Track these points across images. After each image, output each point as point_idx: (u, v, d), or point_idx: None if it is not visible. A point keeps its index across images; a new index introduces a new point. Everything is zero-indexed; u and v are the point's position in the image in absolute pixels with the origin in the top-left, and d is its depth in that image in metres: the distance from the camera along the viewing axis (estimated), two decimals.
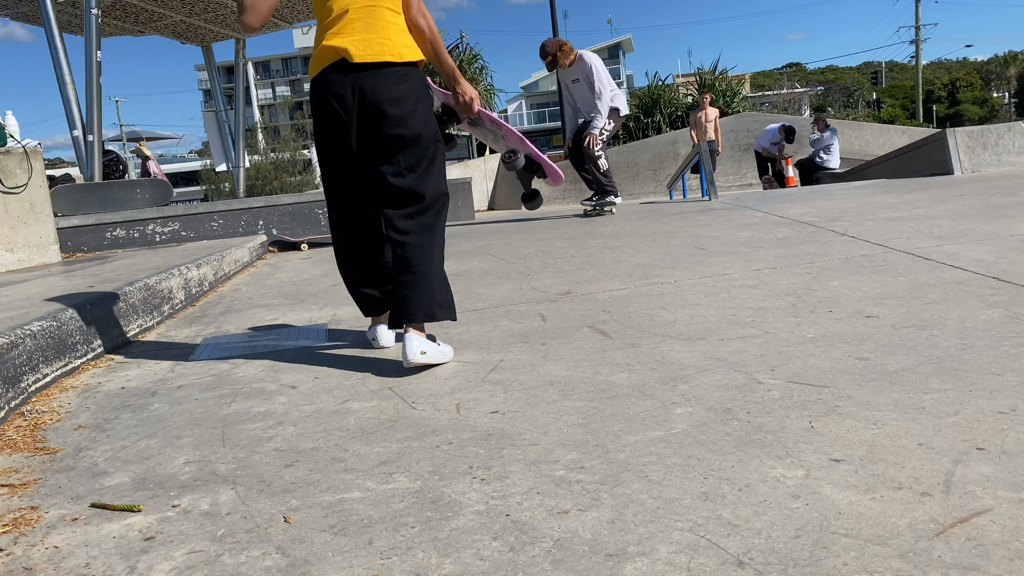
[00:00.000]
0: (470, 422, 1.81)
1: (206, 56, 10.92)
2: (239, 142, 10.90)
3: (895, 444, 1.46)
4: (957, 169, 7.87)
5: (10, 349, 2.23)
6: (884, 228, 4.13)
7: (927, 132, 13.81)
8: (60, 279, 3.96)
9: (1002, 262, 2.95)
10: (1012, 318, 2.21)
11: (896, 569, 1.05)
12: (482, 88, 25.58)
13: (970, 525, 1.15)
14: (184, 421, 2.03)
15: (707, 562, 1.12)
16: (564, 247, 4.79)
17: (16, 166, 5.06)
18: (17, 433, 2.01)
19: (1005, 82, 71.47)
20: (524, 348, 2.45)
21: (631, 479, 1.42)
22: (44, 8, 7.49)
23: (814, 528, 1.18)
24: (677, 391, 1.88)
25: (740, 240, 4.28)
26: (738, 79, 29.35)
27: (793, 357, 2.06)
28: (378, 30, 2.28)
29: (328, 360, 2.55)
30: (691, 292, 3.02)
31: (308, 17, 10.23)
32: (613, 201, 6.82)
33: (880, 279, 2.90)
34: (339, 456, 1.68)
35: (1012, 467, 1.32)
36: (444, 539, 1.27)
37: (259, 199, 7.03)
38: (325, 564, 1.22)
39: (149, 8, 8.99)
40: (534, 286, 3.52)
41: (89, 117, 7.75)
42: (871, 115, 52.14)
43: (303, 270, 5.12)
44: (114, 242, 6.57)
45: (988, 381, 1.74)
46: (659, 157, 15.22)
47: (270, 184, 24.70)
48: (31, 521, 1.48)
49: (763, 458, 1.45)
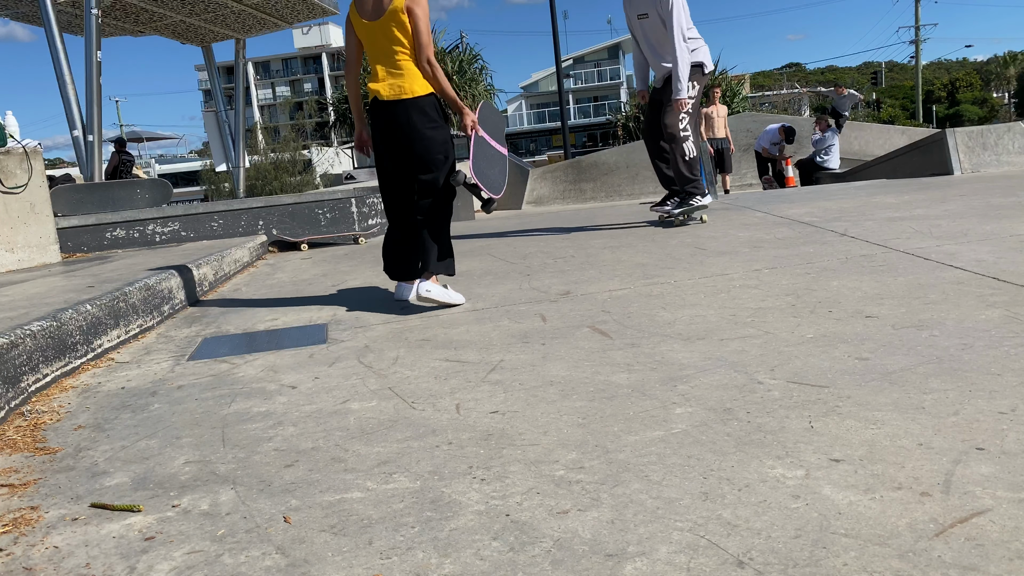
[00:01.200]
0: (470, 422, 1.81)
1: (206, 56, 10.92)
2: (239, 142, 10.90)
3: (895, 444, 1.46)
4: (957, 169, 7.87)
5: (10, 349, 2.23)
6: (884, 228, 4.13)
7: (927, 132, 13.81)
8: (60, 279, 3.96)
9: (1002, 262, 2.95)
10: (1012, 318, 2.21)
11: (896, 569, 1.05)
12: (482, 88, 25.57)
13: (970, 525, 1.15)
14: (184, 421, 2.03)
15: (707, 562, 1.12)
16: (564, 247, 4.79)
17: (16, 166, 5.06)
18: (17, 433, 2.01)
19: (1005, 82, 71.47)
20: (524, 348, 2.45)
21: (631, 479, 1.42)
22: (44, 8, 7.49)
23: (814, 528, 1.18)
24: (677, 391, 1.88)
25: (740, 240, 4.28)
26: (738, 79, 29.35)
27: (793, 357, 2.06)
28: (397, 76, 3.21)
29: (328, 360, 2.55)
30: (691, 292, 3.02)
31: (308, 17, 10.23)
32: (702, 204, 5.19)
33: (880, 279, 2.90)
34: (339, 456, 1.68)
35: (1012, 467, 1.32)
36: (444, 539, 1.27)
37: (259, 199, 7.03)
38: (325, 564, 1.22)
39: (149, 8, 8.99)
40: (534, 286, 3.52)
41: (89, 117, 7.75)
42: (871, 115, 52.15)
43: (303, 270, 5.12)
44: (114, 242, 6.57)
45: (988, 381, 1.74)
46: None
47: (270, 184, 24.71)
48: (31, 521, 1.48)
49: (763, 458, 1.45)
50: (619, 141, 29.20)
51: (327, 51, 69.54)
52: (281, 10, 9.70)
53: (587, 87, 59.26)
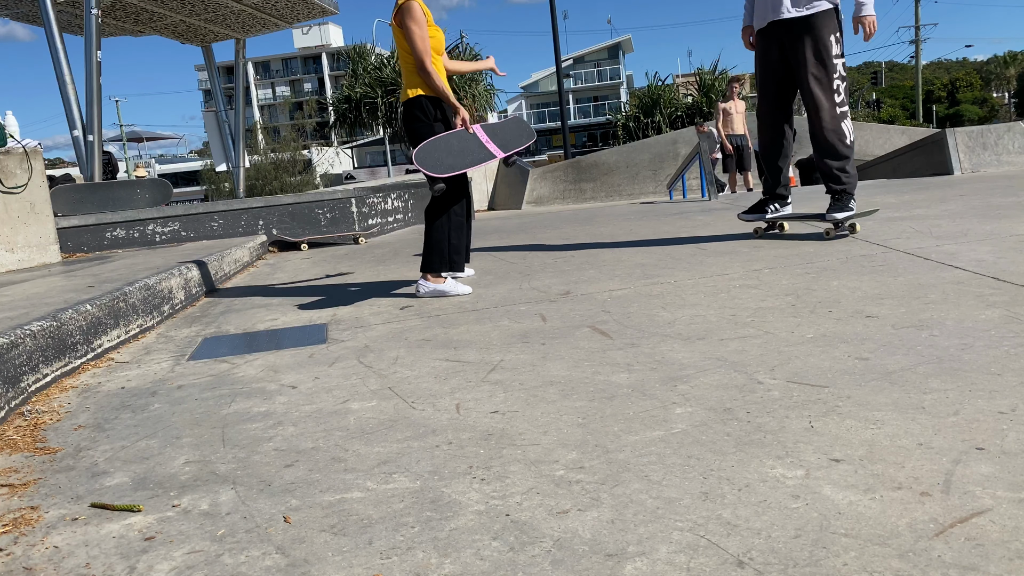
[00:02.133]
0: (470, 422, 1.81)
1: (206, 56, 10.92)
2: (239, 142, 10.90)
3: (895, 444, 1.46)
4: (957, 169, 7.88)
5: (10, 349, 2.23)
6: (884, 228, 4.13)
7: (927, 132, 13.81)
8: (60, 279, 3.96)
9: (1002, 262, 2.95)
10: (1012, 318, 2.21)
11: (896, 569, 1.06)
12: (482, 88, 25.56)
13: (970, 525, 1.15)
14: (184, 421, 2.03)
15: (707, 562, 1.12)
16: (564, 247, 4.79)
17: (16, 166, 5.06)
18: (17, 433, 2.01)
19: (1005, 82, 71.47)
20: (524, 348, 2.45)
21: (631, 479, 1.42)
22: (44, 8, 7.49)
23: (814, 528, 1.18)
24: (677, 391, 1.88)
25: (740, 240, 4.28)
26: (738, 79, 29.36)
27: (793, 357, 2.06)
28: (404, 80, 3.65)
29: (328, 360, 2.55)
30: (691, 292, 3.02)
31: (308, 17, 10.23)
32: (861, 211, 4.08)
33: (880, 279, 2.90)
34: (339, 456, 1.68)
35: (1012, 467, 1.32)
36: (444, 539, 1.27)
37: (259, 199, 7.03)
38: (325, 564, 1.22)
39: (149, 8, 8.99)
40: (534, 286, 3.52)
41: (89, 117, 7.75)
42: (871, 115, 52.13)
43: (303, 270, 5.12)
44: (114, 242, 6.56)
45: (988, 381, 1.74)
46: (659, 157, 15.22)
47: (270, 184, 24.73)
48: (31, 521, 1.48)
49: (763, 458, 1.45)
50: (619, 141, 29.21)
51: (327, 51, 69.53)
52: (281, 10, 9.70)
53: (587, 87, 59.26)
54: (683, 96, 27.71)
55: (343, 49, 62.37)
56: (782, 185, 4.16)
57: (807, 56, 3.78)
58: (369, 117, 31.07)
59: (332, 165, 40.53)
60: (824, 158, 3.89)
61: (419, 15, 3.47)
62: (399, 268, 4.66)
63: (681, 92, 28.23)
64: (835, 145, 3.83)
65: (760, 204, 4.25)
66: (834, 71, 3.77)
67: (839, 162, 3.86)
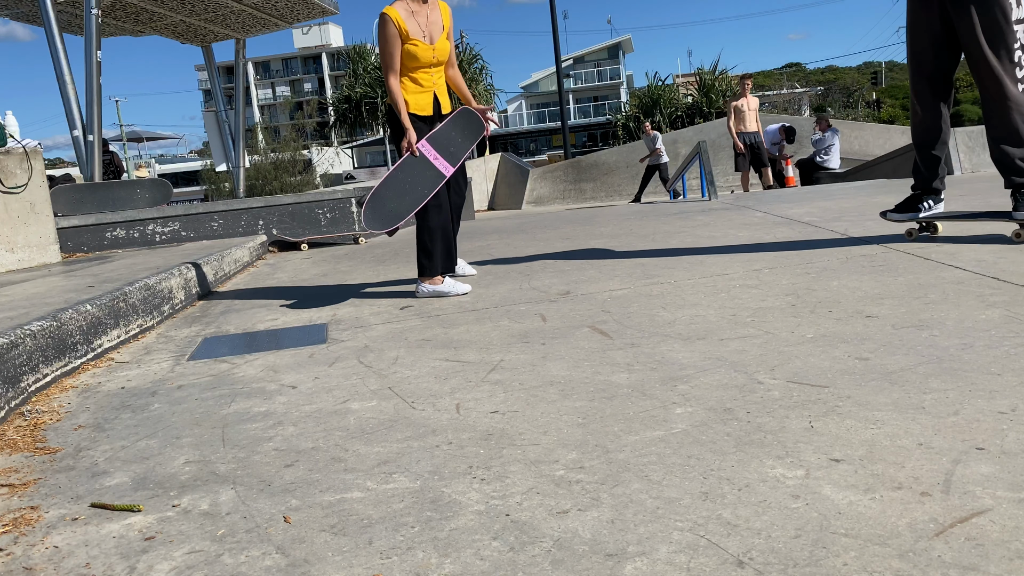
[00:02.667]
0: (470, 422, 1.81)
1: (206, 56, 10.93)
2: (239, 142, 10.91)
3: (895, 444, 1.46)
4: (957, 169, 7.87)
5: (10, 349, 2.23)
6: (884, 228, 4.13)
7: None
8: (60, 279, 3.96)
9: (1002, 262, 2.95)
10: (1012, 318, 2.21)
11: (896, 569, 1.05)
12: (482, 88, 25.58)
13: (970, 525, 1.15)
14: (184, 421, 2.03)
15: (707, 562, 1.12)
16: (564, 247, 4.79)
17: (16, 166, 5.06)
18: (17, 433, 2.01)
19: None
20: (524, 348, 2.45)
21: (631, 479, 1.42)
22: (44, 8, 7.49)
23: (814, 528, 1.18)
24: (677, 391, 1.88)
25: (740, 240, 4.28)
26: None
27: (793, 357, 2.06)
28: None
29: (328, 360, 2.55)
30: (691, 292, 3.02)
31: (308, 17, 10.23)
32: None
33: (880, 279, 2.90)
34: (339, 456, 1.68)
35: (1012, 467, 1.32)
36: (444, 539, 1.27)
37: (259, 199, 7.03)
38: (325, 564, 1.22)
39: (149, 8, 8.99)
40: (534, 286, 3.52)
41: (89, 117, 7.75)
42: (871, 115, 52.12)
43: (303, 270, 5.12)
44: (114, 242, 6.57)
45: (988, 381, 1.74)
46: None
47: (270, 184, 24.73)
48: (31, 521, 1.48)
49: (763, 458, 1.45)
50: (619, 141, 29.23)
51: (327, 51, 69.53)
52: (281, 10, 9.70)
53: (587, 87, 59.28)
54: (683, 96, 27.72)
55: (343, 49, 62.37)
56: (939, 178, 3.49)
57: (980, 20, 3.12)
58: (369, 117, 31.06)
59: (332, 165, 40.54)
60: (1005, 144, 3.20)
61: (390, 31, 3.44)
62: (399, 268, 4.66)
63: (681, 92, 28.25)
64: (1020, 129, 3.15)
65: (911, 200, 3.55)
66: (1015, 40, 3.10)
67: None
